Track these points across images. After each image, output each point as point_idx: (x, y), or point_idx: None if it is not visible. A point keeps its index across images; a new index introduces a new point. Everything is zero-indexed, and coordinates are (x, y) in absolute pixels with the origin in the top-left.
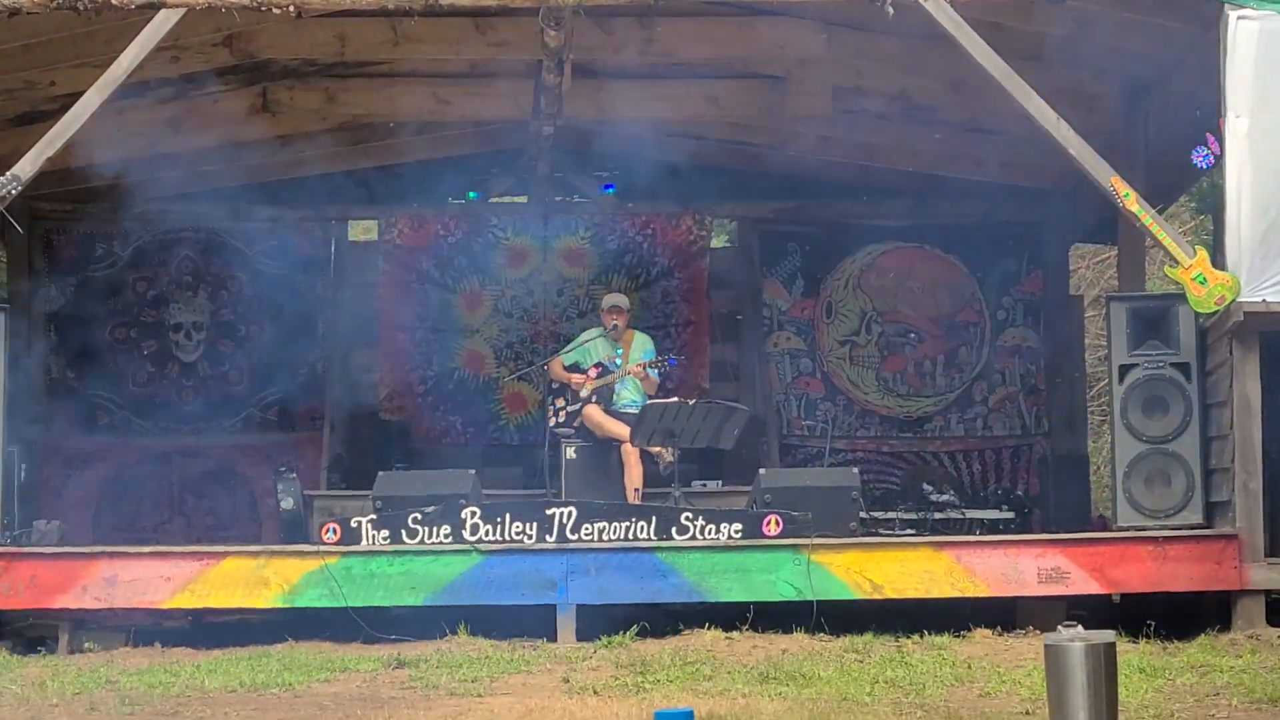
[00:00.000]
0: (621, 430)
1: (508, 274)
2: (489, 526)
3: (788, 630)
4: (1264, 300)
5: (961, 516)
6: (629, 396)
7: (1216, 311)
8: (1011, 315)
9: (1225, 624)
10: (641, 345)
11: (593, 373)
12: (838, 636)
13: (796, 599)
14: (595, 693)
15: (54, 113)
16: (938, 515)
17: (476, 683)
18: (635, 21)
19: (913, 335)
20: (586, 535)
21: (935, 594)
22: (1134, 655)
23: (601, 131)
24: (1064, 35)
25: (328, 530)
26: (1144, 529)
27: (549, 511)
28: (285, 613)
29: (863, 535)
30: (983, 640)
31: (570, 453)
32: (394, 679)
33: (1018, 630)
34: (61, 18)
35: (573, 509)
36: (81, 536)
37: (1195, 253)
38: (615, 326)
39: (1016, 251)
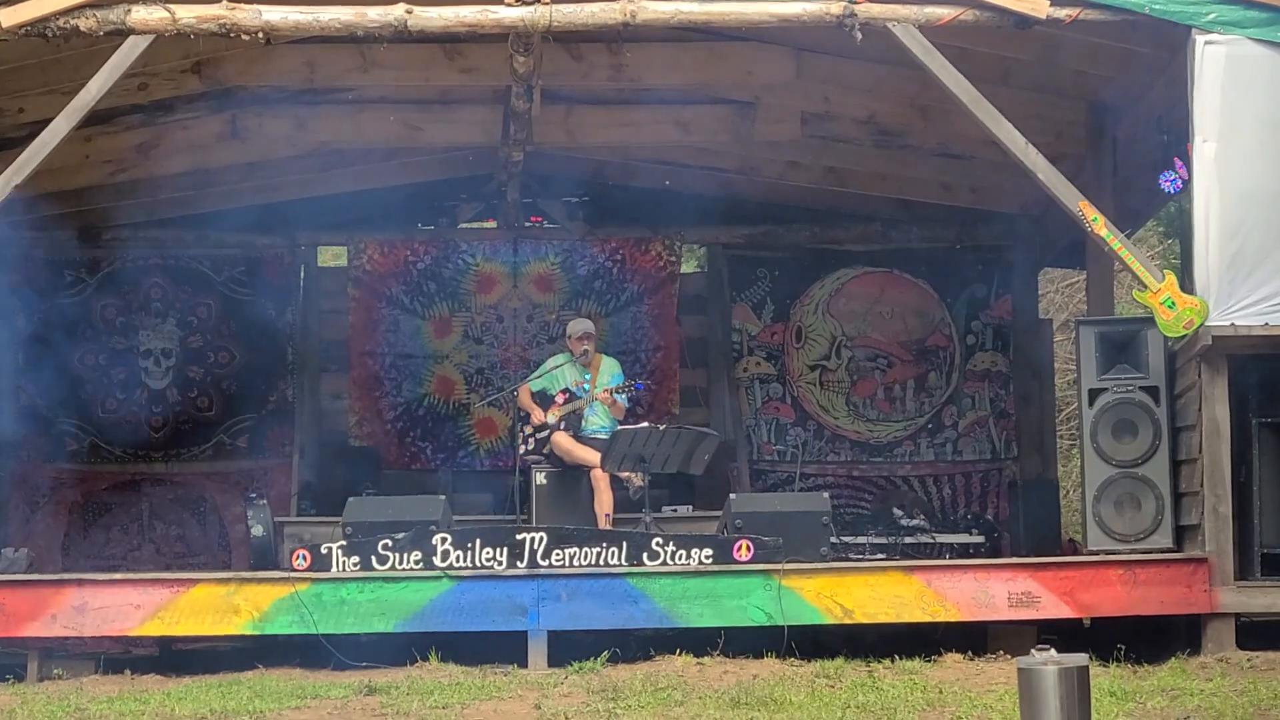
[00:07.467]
0: (591, 456)
1: (477, 300)
2: (459, 552)
3: (759, 655)
4: (1232, 324)
5: (932, 541)
6: (598, 422)
7: (1185, 335)
8: (981, 339)
9: (1195, 647)
10: (609, 370)
11: (560, 399)
12: (809, 661)
13: (767, 624)
14: (567, 719)
15: (22, 140)
16: (908, 540)
17: (448, 709)
18: (604, 47)
19: (882, 360)
20: (557, 561)
21: (906, 619)
22: (1105, 679)
23: (571, 158)
24: (1032, 60)
25: (298, 557)
26: (1114, 553)
27: (519, 537)
28: (255, 640)
29: (833, 560)
30: (954, 665)
31: (540, 478)
32: (365, 706)
33: (989, 655)
34: (30, 44)
35: (543, 534)
36: (50, 564)
37: (1164, 277)
38: (585, 352)
39: (985, 276)
